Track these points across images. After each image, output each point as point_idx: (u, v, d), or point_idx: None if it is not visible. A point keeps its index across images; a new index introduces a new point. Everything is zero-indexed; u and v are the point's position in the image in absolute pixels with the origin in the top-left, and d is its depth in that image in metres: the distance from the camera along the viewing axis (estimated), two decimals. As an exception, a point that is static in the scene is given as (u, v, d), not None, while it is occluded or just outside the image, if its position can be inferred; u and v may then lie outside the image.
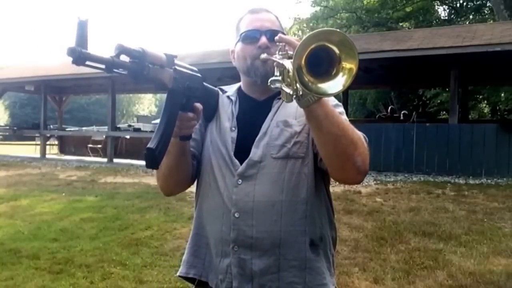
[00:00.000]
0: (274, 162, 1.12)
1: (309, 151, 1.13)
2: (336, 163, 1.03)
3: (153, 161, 0.98)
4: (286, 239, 1.11)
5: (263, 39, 1.15)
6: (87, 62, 0.81)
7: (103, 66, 0.84)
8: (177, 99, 1.02)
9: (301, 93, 0.88)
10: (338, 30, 0.84)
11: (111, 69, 0.85)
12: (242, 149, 1.16)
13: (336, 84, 0.84)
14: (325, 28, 0.84)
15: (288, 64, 0.89)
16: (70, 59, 0.80)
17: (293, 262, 1.12)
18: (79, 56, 0.79)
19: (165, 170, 1.15)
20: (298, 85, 0.85)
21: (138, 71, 0.91)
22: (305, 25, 22.58)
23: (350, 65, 0.84)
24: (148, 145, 0.97)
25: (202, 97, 1.12)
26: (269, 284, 1.12)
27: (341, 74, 0.84)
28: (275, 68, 0.96)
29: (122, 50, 0.87)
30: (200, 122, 1.21)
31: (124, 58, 0.88)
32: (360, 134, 1.03)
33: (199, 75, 1.11)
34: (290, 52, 0.94)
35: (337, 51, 0.83)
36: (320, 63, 0.84)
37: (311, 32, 0.82)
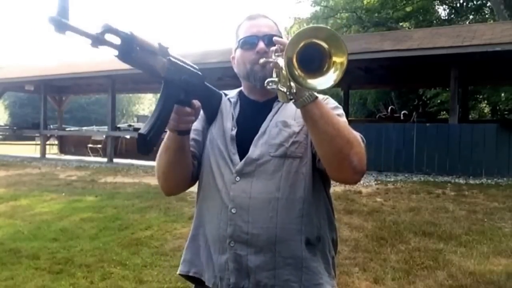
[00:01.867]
0: (272, 161, 1.14)
1: (307, 151, 1.14)
2: (332, 163, 1.04)
3: (144, 147, 0.98)
4: (281, 236, 1.11)
5: (261, 45, 1.17)
6: (70, 33, 0.79)
7: (89, 41, 0.82)
8: (172, 90, 1.03)
9: (294, 90, 0.91)
10: (324, 26, 0.87)
11: (97, 44, 0.83)
12: (241, 148, 1.17)
13: (327, 79, 0.86)
14: (312, 25, 0.87)
15: (281, 61, 0.91)
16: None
17: (289, 260, 1.12)
18: (59, 23, 0.76)
19: (165, 167, 1.16)
20: (292, 83, 0.88)
21: (126, 52, 0.89)
22: (305, 25, 22.55)
23: (340, 59, 0.86)
24: (140, 131, 0.99)
25: (203, 96, 1.13)
26: (265, 281, 1.12)
27: (332, 69, 0.86)
28: (273, 71, 0.99)
29: (107, 28, 0.84)
30: (202, 124, 1.24)
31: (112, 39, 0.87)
32: (356, 135, 1.05)
33: (199, 73, 1.12)
34: None
35: (326, 46, 0.86)
36: (312, 60, 0.87)
37: (299, 30, 0.85)
